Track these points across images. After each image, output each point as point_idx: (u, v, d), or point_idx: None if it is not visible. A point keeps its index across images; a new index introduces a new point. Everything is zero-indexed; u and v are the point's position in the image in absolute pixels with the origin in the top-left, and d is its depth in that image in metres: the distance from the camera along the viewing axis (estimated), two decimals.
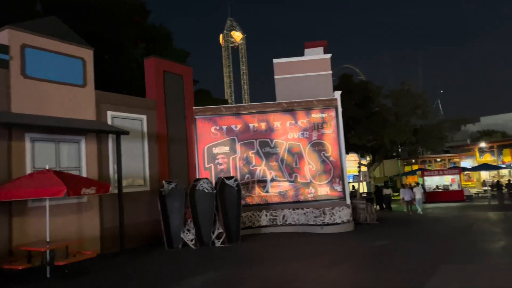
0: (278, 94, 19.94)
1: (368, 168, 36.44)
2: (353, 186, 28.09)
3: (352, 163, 35.87)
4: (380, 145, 34.18)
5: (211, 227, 14.63)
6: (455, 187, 32.80)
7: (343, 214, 16.84)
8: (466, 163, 44.39)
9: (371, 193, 25.36)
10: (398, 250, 12.22)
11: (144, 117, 16.12)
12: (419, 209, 24.04)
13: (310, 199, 17.94)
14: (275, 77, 20.10)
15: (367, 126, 31.66)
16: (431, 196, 31.84)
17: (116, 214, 14.22)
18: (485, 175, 42.14)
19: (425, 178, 33.32)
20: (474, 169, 37.67)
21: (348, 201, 17.84)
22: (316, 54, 20.62)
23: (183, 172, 17.44)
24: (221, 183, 15.05)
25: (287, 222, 17.34)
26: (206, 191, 14.86)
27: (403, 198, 24.61)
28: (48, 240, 11.02)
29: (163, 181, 14.74)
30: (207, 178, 15.03)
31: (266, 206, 17.69)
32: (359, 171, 20.16)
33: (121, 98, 15.56)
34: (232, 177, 15.29)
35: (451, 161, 46.96)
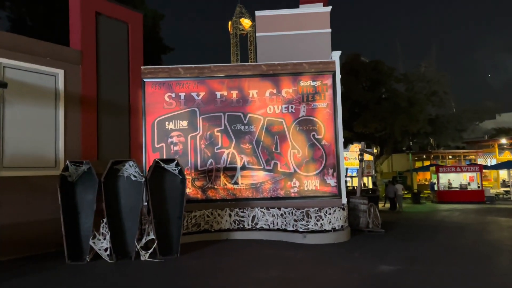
0: (260, 56, 14.78)
1: (374, 161, 31.08)
2: (353, 187, 23.29)
3: (357, 155, 30.46)
4: (389, 135, 28.82)
5: (137, 232, 9.59)
6: (473, 186, 27.35)
7: (335, 218, 11.66)
8: (480, 160, 38.76)
9: (375, 189, 19.98)
10: None
11: (61, 72, 11.06)
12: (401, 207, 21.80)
13: (292, 195, 12.77)
14: (257, 34, 14.90)
15: (375, 112, 26.29)
16: (446, 195, 26.55)
17: (7, 207, 9.36)
18: (503, 174, 36.45)
19: (440, 175, 27.80)
20: (496, 167, 31.96)
21: (344, 199, 12.65)
22: None
23: (122, 152, 12.40)
24: (156, 168, 9.96)
25: (258, 226, 12.21)
26: (133, 178, 9.80)
27: (387, 195, 23.19)
28: None
29: (68, 162, 9.64)
30: (133, 160, 9.89)
31: (233, 202, 12.57)
32: (361, 160, 14.84)
33: (23, 41, 10.47)
34: (172, 160, 10.14)
35: (466, 157, 41.30)
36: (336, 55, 13.09)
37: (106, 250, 9.36)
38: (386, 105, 26.51)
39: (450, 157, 42.23)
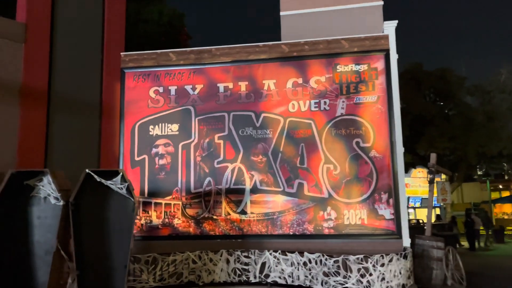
0: (285, 40, 10.68)
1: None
2: (419, 222, 17.88)
3: (420, 182, 24.72)
4: (460, 158, 23.23)
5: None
6: None
7: (392, 272, 7.02)
8: None
9: (451, 225, 14.57)
10: None
11: None
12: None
13: (326, 231, 8.26)
14: (281, 13, 10.91)
15: (443, 129, 21.03)
16: None
17: None
18: None
19: None
20: None
21: (407, 240, 7.95)
22: None
23: (87, 167, 8.64)
24: (87, 185, 6.01)
25: (269, 280, 7.78)
26: (53, 202, 5.92)
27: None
28: None
29: None
30: (48, 171, 6.02)
31: (234, 241, 8.32)
32: (432, 181, 9.73)
33: None
34: (115, 173, 6.13)
35: None
36: (390, 27, 8.74)
37: None
38: (457, 121, 21.22)
39: None
